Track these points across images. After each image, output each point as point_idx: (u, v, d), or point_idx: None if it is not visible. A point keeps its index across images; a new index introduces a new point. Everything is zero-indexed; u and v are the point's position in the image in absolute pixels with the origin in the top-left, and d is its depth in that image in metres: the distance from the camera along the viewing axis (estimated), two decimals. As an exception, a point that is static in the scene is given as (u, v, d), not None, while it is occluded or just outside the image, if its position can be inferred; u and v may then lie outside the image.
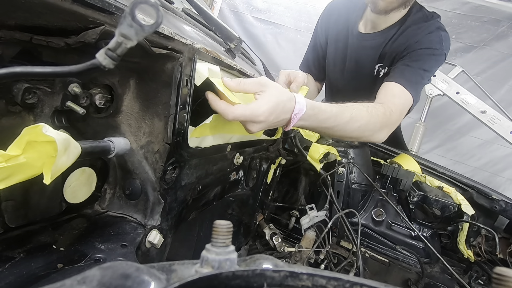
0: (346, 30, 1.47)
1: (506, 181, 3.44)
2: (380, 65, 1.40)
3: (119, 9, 0.45)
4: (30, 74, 0.34)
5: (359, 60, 1.45)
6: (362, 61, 1.44)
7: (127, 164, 0.61)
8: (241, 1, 3.93)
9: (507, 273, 0.22)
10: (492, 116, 2.56)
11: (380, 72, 1.41)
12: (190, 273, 0.23)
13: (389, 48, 1.34)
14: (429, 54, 1.25)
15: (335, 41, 1.52)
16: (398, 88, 1.17)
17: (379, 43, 1.37)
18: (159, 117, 0.58)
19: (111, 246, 0.52)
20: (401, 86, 1.17)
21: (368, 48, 1.40)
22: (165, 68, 0.56)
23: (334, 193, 1.23)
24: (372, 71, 1.43)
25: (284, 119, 0.75)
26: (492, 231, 1.17)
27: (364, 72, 1.45)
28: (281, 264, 0.26)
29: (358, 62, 1.46)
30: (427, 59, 1.24)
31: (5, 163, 0.35)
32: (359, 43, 1.42)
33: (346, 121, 0.91)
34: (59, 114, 0.52)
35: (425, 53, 1.24)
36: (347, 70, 1.52)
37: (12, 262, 0.43)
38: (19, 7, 0.39)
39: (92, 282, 0.19)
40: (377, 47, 1.37)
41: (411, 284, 1.18)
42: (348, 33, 1.46)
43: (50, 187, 0.46)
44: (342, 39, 1.49)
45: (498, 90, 3.21)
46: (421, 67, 1.22)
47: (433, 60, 1.26)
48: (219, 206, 1.00)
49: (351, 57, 1.47)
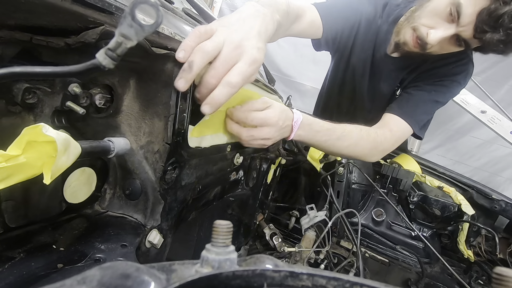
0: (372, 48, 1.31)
1: (506, 181, 3.45)
2: (399, 86, 1.33)
3: (119, 9, 0.45)
4: (30, 74, 0.34)
5: (381, 79, 1.35)
6: (384, 81, 1.34)
7: (127, 164, 0.61)
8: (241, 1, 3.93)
9: (507, 273, 0.22)
10: (492, 116, 2.56)
11: (397, 91, 1.33)
12: (190, 273, 0.23)
13: (415, 70, 1.26)
14: (450, 87, 1.18)
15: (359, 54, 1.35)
16: (403, 124, 1.14)
17: (406, 66, 1.27)
18: (159, 117, 0.58)
19: (111, 246, 0.52)
20: (406, 124, 1.13)
21: (394, 71, 1.30)
22: (165, 68, 0.56)
23: (334, 193, 1.23)
24: (391, 91, 1.35)
25: (288, 126, 0.81)
26: (492, 231, 1.17)
27: (383, 90, 1.36)
28: (281, 264, 0.26)
29: (380, 80, 1.35)
30: (445, 91, 1.18)
31: (5, 163, 0.35)
32: (386, 66, 1.31)
33: (337, 137, 0.95)
34: (59, 114, 0.52)
35: (447, 85, 1.18)
36: (366, 83, 1.39)
37: (12, 262, 0.43)
38: (19, 7, 0.39)
39: (92, 282, 0.19)
40: (404, 69, 1.28)
41: (411, 284, 1.18)
42: (374, 51, 1.31)
43: (50, 187, 0.46)
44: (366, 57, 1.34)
45: (498, 90, 3.21)
46: (437, 99, 1.17)
47: (450, 93, 1.20)
48: (219, 206, 1.00)
49: (374, 74, 1.35)
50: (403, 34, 1.11)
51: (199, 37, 0.54)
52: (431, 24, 1.01)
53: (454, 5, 0.93)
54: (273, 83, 1.38)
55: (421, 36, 1.04)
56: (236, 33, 0.57)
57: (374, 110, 1.44)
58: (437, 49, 1.05)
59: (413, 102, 1.17)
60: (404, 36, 1.10)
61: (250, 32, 0.59)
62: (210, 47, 0.54)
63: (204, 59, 0.54)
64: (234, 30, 0.58)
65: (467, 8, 0.91)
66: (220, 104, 0.58)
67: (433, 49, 1.05)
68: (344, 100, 1.57)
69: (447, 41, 1.02)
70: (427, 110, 1.18)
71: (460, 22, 0.94)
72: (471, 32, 0.94)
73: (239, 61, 0.57)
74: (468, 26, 0.93)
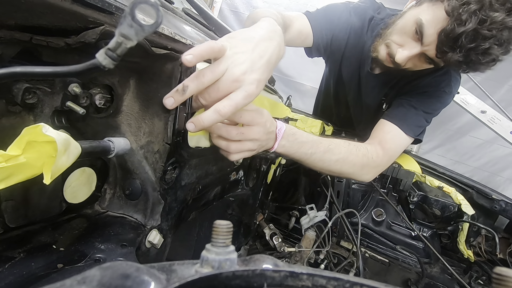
0: (358, 63, 1.32)
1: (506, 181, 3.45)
2: (384, 100, 1.33)
3: (119, 9, 0.45)
4: (30, 74, 0.34)
5: (366, 92, 1.36)
6: (368, 94, 1.35)
7: (127, 164, 0.61)
8: (241, 1, 3.93)
9: (507, 273, 0.22)
10: (492, 116, 2.56)
11: (385, 105, 1.32)
12: (190, 273, 0.23)
13: (396, 85, 1.27)
14: (436, 97, 1.16)
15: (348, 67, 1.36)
16: (395, 130, 1.10)
17: (387, 81, 1.28)
18: (159, 117, 0.58)
19: (111, 246, 0.52)
20: (399, 129, 1.09)
21: (376, 87, 1.31)
22: (165, 68, 0.56)
23: (334, 193, 1.23)
24: (376, 104, 1.35)
25: (272, 132, 0.75)
26: (492, 231, 1.17)
27: (369, 102, 1.37)
28: (281, 264, 0.26)
29: (365, 94, 1.36)
30: (433, 101, 1.16)
31: (5, 163, 0.35)
32: (369, 83, 1.32)
33: (323, 151, 0.89)
34: (59, 114, 0.52)
35: (433, 95, 1.16)
36: (355, 94, 1.41)
37: (12, 262, 0.43)
38: (19, 7, 0.39)
39: (92, 282, 0.19)
40: (385, 85, 1.29)
41: (411, 284, 1.18)
42: (360, 68, 1.32)
43: (50, 187, 0.46)
44: (353, 71, 1.35)
45: (498, 90, 3.22)
46: (426, 110, 1.14)
47: (439, 103, 1.18)
48: (219, 206, 1.00)
49: (360, 87, 1.36)
50: (378, 50, 1.12)
51: (210, 52, 0.55)
52: (400, 42, 1.02)
53: (418, 25, 0.94)
54: (273, 83, 1.38)
55: (391, 54, 1.05)
56: (241, 65, 0.57)
57: (364, 122, 1.44)
58: (410, 65, 1.05)
59: (408, 114, 1.13)
60: (380, 52, 1.11)
61: (257, 63, 0.59)
62: (208, 78, 0.55)
63: (198, 87, 0.55)
64: (241, 59, 0.57)
65: (428, 28, 0.92)
66: (204, 127, 0.57)
67: (407, 65, 1.05)
68: (340, 105, 1.58)
69: (417, 59, 1.02)
70: (421, 123, 1.15)
71: (424, 42, 0.94)
72: (434, 52, 0.94)
73: (235, 92, 0.57)
74: (431, 45, 0.94)
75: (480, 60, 0.89)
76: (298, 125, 1.36)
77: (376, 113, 1.33)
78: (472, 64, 0.91)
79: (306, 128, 1.36)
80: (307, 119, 1.39)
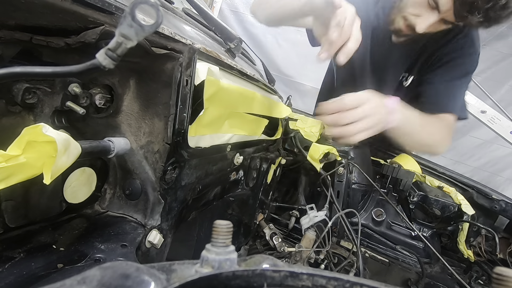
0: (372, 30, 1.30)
1: (506, 181, 3.45)
2: (406, 75, 1.33)
3: (119, 9, 0.45)
4: (30, 74, 0.34)
5: (385, 68, 1.34)
6: (388, 70, 1.34)
7: (127, 164, 0.61)
8: (241, 1, 3.93)
9: (507, 273, 0.22)
10: (492, 116, 2.56)
11: (406, 80, 1.34)
12: (190, 273, 0.23)
13: (420, 58, 1.27)
14: (464, 60, 1.20)
15: None
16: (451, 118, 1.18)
17: (410, 53, 1.28)
18: (159, 117, 0.58)
19: (111, 246, 0.52)
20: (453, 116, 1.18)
21: (398, 58, 1.30)
22: (165, 68, 0.56)
23: (334, 193, 1.23)
24: (397, 80, 1.35)
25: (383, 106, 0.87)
26: (492, 231, 1.17)
27: (388, 79, 1.36)
28: (281, 264, 0.26)
29: (384, 70, 1.35)
30: (463, 65, 1.20)
31: (5, 163, 0.35)
32: (388, 52, 1.30)
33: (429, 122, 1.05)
34: (59, 114, 0.52)
35: (459, 60, 1.20)
36: (369, 74, 1.39)
37: (12, 262, 0.43)
38: (19, 7, 0.39)
39: (92, 282, 0.19)
40: (408, 57, 1.29)
41: (411, 284, 1.18)
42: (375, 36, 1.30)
43: (50, 187, 0.46)
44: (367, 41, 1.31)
45: (498, 90, 3.21)
46: (461, 76, 1.20)
47: (469, 65, 1.21)
48: (219, 206, 1.00)
49: (377, 64, 1.35)
50: (396, 22, 1.14)
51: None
52: (416, 13, 1.04)
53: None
54: (273, 83, 1.38)
55: (410, 25, 1.08)
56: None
57: None
58: (432, 29, 1.08)
59: (452, 93, 1.20)
60: (398, 24, 1.13)
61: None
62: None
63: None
64: None
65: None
66: None
67: (428, 30, 1.07)
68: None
69: (437, 24, 1.04)
70: (463, 93, 1.21)
71: (440, 10, 0.97)
72: (453, 17, 0.97)
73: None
74: (449, 11, 0.96)
75: (501, 15, 0.92)
76: (298, 125, 1.36)
77: (398, 89, 1.35)
78: (493, 21, 0.94)
79: (306, 128, 1.36)
80: (307, 119, 1.39)
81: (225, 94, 0.71)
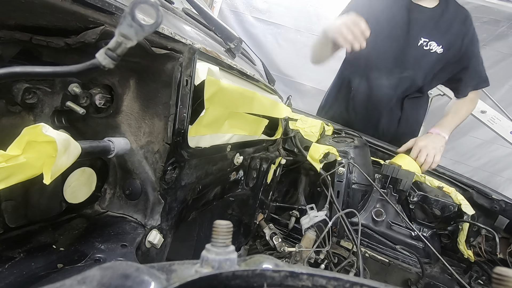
0: None
1: (506, 181, 3.45)
2: (426, 40, 1.50)
3: (119, 9, 0.45)
4: (30, 74, 0.34)
5: (405, 30, 1.52)
6: (409, 31, 1.52)
7: (127, 164, 0.61)
8: (241, 1, 3.93)
9: (507, 273, 0.22)
10: (492, 116, 2.56)
11: (427, 45, 1.50)
12: (190, 273, 0.23)
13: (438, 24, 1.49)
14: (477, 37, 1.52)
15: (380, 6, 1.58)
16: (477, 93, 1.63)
17: (428, 18, 1.49)
18: (159, 117, 0.58)
19: (111, 246, 0.52)
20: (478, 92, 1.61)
21: (417, 19, 1.50)
22: (165, 68, 0.56)
23: (334, 193, 1.23)
24: (416, 42, 1.51)
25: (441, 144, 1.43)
26: (492, 231, 1.17)
27: (407, 42, 1.53)
28: (281, 264, 0.26)
29: (403, 31, 1.52)
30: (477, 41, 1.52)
31: (5, 163, 0.35)
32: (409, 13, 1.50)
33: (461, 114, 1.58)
34: (59, 114, 0.52)
35: (476, 36, 1.51)
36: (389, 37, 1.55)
37: (12, 262, 0.43)
38: (19, 7, 0.39)
39: (92, 282, 0.19)
40: (426, 20, 1.49)
41: (411, 284, 1.18)
42: None
43: (50, 187, 0.46)
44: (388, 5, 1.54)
45: (498, 90, 3.21)
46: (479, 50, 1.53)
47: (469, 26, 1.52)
48: (219, 206, 1.00)
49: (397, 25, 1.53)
50: None
51: None
52: None
53: None
54: (273, 83, 1.38)
55: None
56: None
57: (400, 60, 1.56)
58: None
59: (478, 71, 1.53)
60: None
61: None
62: None
63: None
64: None
65: None
66: None
67: None
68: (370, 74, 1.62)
69: None
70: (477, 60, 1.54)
71: None
72: None
73: None
74: None
75: None
76: (298, 125, 1.36)
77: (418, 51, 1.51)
78: None
79: (306, 128, 1.36)
80: (307, 119, 1.39)
81: (225, 94, 0.71)
